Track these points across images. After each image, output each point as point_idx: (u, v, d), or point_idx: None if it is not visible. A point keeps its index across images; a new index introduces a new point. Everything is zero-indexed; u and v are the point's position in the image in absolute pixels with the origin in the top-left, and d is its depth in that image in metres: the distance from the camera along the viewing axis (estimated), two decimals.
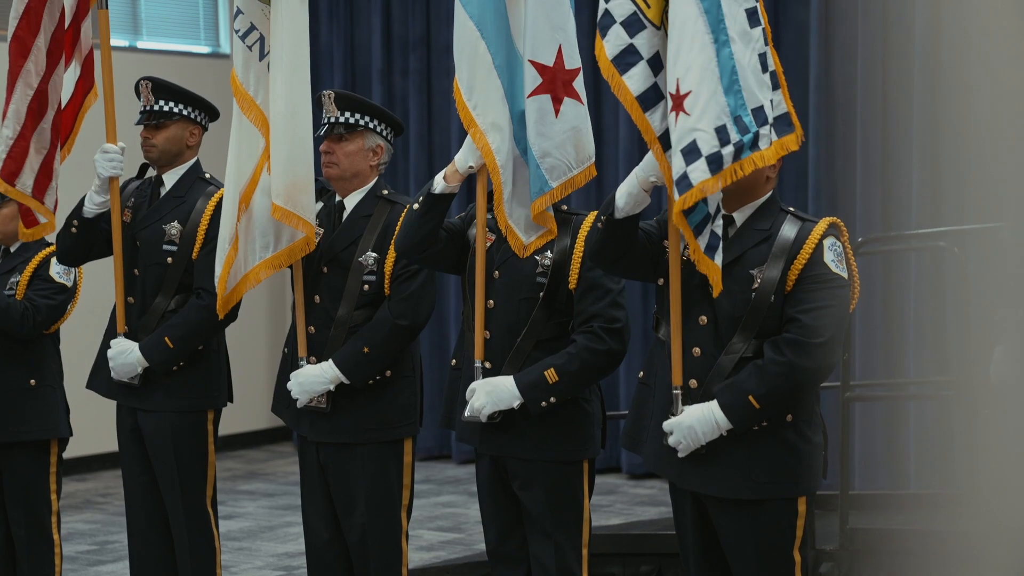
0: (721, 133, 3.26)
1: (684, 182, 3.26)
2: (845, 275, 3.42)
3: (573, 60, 3.75)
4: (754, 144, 3.29)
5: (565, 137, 3.72)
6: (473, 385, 3.81)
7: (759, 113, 3.31)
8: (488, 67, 3.80)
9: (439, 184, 3.83)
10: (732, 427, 3.37)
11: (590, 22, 8.16)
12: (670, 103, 3.31)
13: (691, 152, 3.25)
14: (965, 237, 4.93)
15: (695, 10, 3.28)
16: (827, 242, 3.42)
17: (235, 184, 4.16)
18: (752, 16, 3.34)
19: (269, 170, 4.14)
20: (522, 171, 3.81)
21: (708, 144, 3.25)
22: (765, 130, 3.32)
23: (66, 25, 4.47)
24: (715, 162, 3.25)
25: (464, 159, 3.83)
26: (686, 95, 3.26)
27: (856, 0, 7.14)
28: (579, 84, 3.76)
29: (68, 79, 4.53)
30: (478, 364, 3.82)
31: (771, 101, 3.35)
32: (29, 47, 4.39)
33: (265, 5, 4.16)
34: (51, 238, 4.79)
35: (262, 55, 4.17)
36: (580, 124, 3.75)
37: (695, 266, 3.40)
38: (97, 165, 4.39)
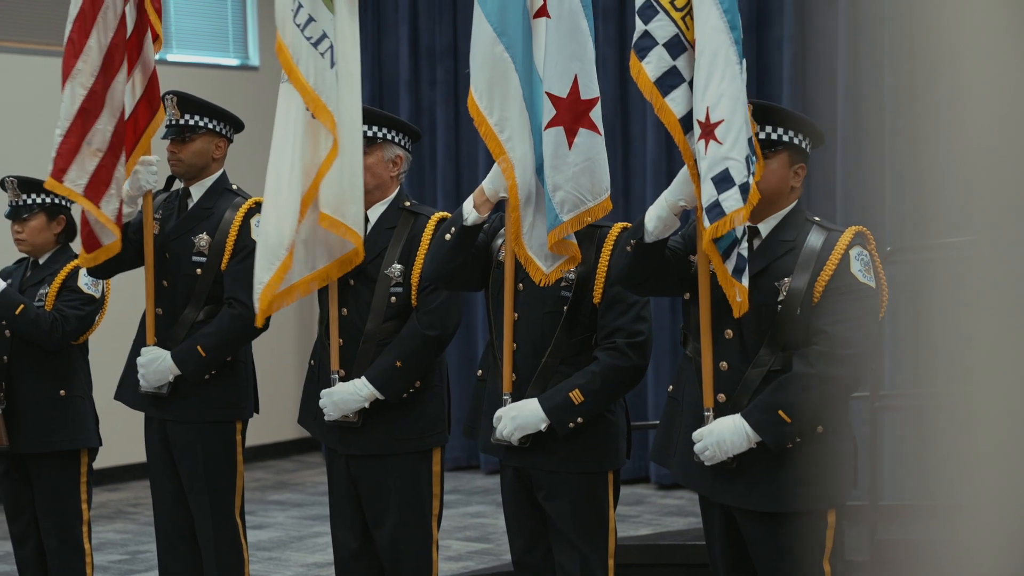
0: (747, 162, 3.30)
1: (716, 210, 3.28)
2: (873, 284, 3.40)
3: (590, 90, 3.67)
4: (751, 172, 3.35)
5: (579, 169, 3.65)
6: (499, 412, 3.80)
7: (750, 142, 3.34)
8: (520, 99, 3.75)
9: (471, 215, 3.78)
10: (762, 441, 3.36)
11: (617, 31, 8.16)
12: (698, 130, 3.32)
13: (724, 180, 3.27)
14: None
15: (727, 40, 3.31)
16: (853, 252, 3.40)
17: (297, 190, 4.05)
18: (740, 49, 3.35)
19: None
20: (541, 200, 3.76)
21: (740, 173, 3.28)
22: (753, 157, 3.36)
23: (127, 34, 4.44)
24: (745, 191, 3.29)
25: (495, 188, 3.78)
26: (718, 123, 3.28)
27: (884, 7, 7.12)
28: (596, 114, 3.68)
29: (128, 92, 4.46)
30: (506, 396, 3.80)
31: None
32: (80, 48, 4.37)
33: (332, 15, 4.13)
34: (78, 248, 4.82)
35: (332, 63, 4.13)
36: (595, 155, 3.68)
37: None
38: (139, 177, 4.42)
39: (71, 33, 4.38)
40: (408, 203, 4.24)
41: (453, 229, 3.82)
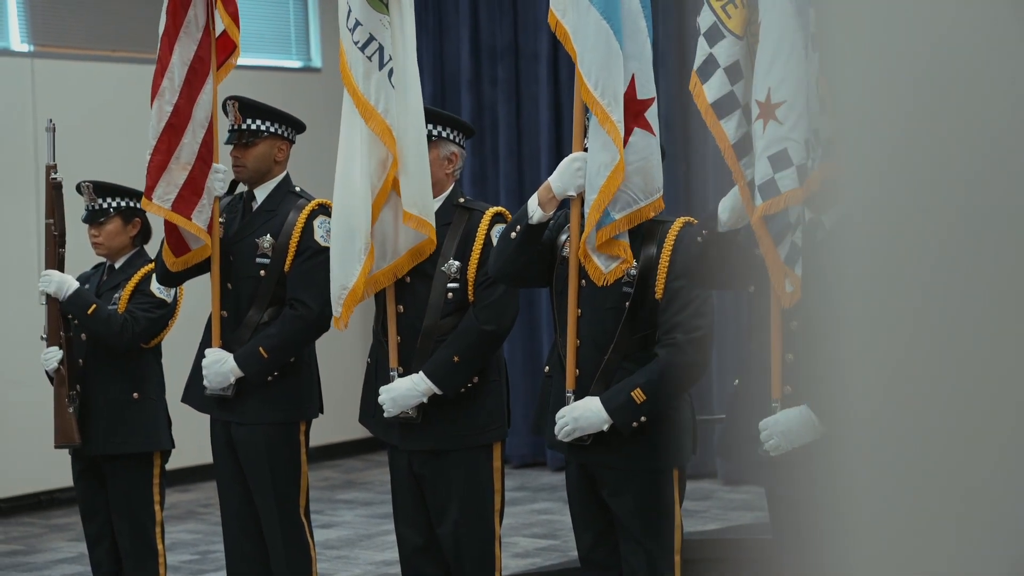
0: (807, 145, 3.30)
1: (771, 187, 3.29)
2: None
3: (646, 90, 3.69)
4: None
5: (633, 168, 3.66)
6: (561, 412, 3.79)
7: (816, 134, 3.33)
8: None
9: (536, 213, 3.78)
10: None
11: (676, 28, 8.14)
12: (756, 110, 3.33)
13: (781, 160, 3.29)
14: None
15: (794, 23, 3.32)
16: None
17: (365, 194, 4.11)
18: (813, 41, 3.36)
19: (395, 181, 4.13)
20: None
21: (798, 155, 3.29)
22: (818, 152, 3.35)
23: (213, 40, 4.55)
24: (803, 173, 3.29)
25: (563, 186, 3.76)
26: (779, 104, 3.30)
27: None
28: (651, 115, 3.70)
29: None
30: (569, 393, 3.80)
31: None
32: (166, 66, 4.49)
33: (383, 15, 4.16)
34: (153, 253, 4.89)
35: (382, 64, 4.16)
36: (649, 156, 3.69)
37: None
38: (209, 185, 4.49)
39: (159, 52, 4.50)
40: (463, 199, 4.25)
41: (518, 227, 3.83)
